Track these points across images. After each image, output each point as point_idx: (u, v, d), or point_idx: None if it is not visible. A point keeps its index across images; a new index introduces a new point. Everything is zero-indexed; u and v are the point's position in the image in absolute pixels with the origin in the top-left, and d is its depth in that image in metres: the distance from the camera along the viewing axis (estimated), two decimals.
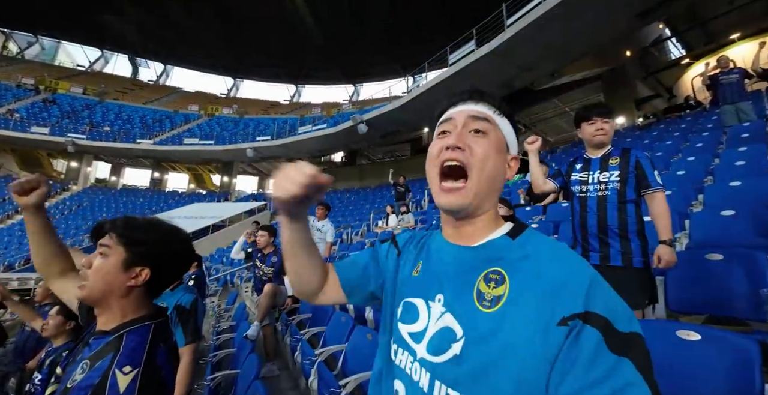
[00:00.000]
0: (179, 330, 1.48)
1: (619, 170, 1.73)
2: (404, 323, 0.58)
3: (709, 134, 5.03)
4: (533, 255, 0.50)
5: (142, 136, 20.06)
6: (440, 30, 19.89)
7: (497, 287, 0.49)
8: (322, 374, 2.05)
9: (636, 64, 13.87)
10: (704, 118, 6.63)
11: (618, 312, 0.42)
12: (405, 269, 0.65)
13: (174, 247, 0.84)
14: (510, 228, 0.57)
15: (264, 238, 3.34)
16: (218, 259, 9.67)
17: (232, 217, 14.34)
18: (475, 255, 0.55)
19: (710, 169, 3.63)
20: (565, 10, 7.23)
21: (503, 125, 0.59)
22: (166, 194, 20.94)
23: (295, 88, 34.56)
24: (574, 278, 0.44)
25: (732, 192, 2.72)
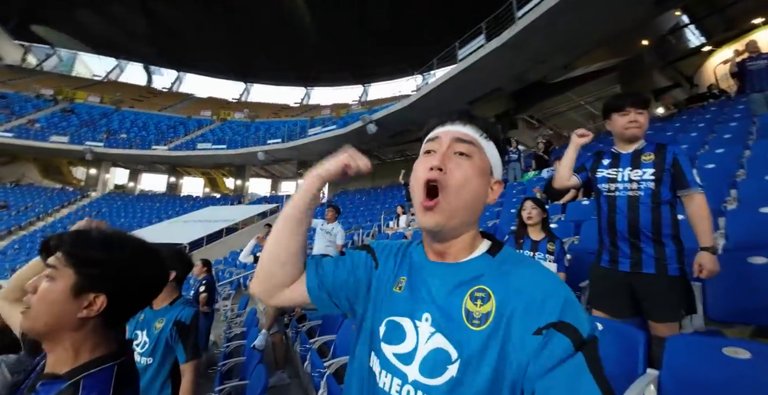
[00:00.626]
0: (179, 346, 1.41)
1: (654, 167, 1.56)
2: (389, 343, 0.56)
3: (737, 124, 4.73)
4: (513, 272, 0.52)
5: (157, 142, 20.51)
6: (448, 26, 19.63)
7: (484, 304, 0.50)
8: (331, 388, 1.96)
9: (653, 54, 13.32)
10: (730, 107, 6.27)
11: (582, 321, 0.47)
12: (383, 283, 0.63)
13: (141, 270, 0.69)
14: (489, 246, 0.59)
15: None
16: (231, 262, 9.75)
17: (245, 220, 14.48)
18: (458, 273, 0.56)
19: (741, 161, 3.39)
20: (577, 1, 6.96)
21: (489, 149, 0.60)
22: (182, 198, 21.34)
23: (305, 91, 34.80)
24: (551, 296, 0.48)
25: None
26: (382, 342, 0.56)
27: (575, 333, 0.45)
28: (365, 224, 9.00)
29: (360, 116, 13.97)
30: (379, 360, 0.56)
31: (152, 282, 0.72)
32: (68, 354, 0.61)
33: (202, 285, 3.61)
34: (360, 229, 8.36)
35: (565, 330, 0.45)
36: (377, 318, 0.59)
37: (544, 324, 0.46)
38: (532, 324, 0.46)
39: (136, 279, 0.67)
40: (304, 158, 20.74)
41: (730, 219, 2.27)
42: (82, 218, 0.85)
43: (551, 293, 0.48)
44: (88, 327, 0.63)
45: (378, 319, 0.59)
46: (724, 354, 1.16)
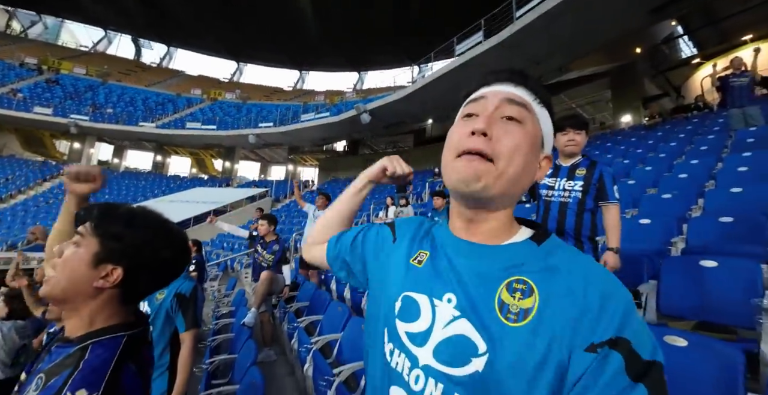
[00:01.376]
0: (179, 316, 1.52)
1: (584, 181, 1.88)
2: (403, 320, 0.50)
3: (714, 137, 5.00)
4: (563, 269, 0.44)
5: (144, 118, 19.96)
6: (448, 20, 19.50)
7: (524, 298, 0.43)
8: (317, 362, 2.11)
9: (646, 62, 13.62)
10: (711, 120, 6.57)
11: (644, 338, 0.39)
12: (400, 256, 0.57)
13: (161, 253, 0.68)
14: (533, 233, 0.51)
15: (264, 227, 3.38)
16: (219, 244, 9.77)
17: (233, 203, 14.40)
18: (494, 257, 0.48)
19: (713, 173, 3.62)
20: (576, 3, 7.07)
21: (542, 117, 0.51)
22: (168, 177, 20.97)
23: (299, 75, 34.15)
24: (612, 302, 0.40)
25: (732, 198, 2.72)
26: (397, 318, 0.51)
27: (635, 356, 0.38)
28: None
29: (354, 105, 13.89)
30: (391, 338, 0.51)
31: (170, 264, 0.71)
32: (83, 322, 0.64)
33: (192, 264, 3.69)
34: None
35: (624, 349, 0.38)
36: (393, 292, 0.53)
37: (599, 341, 0.38)
38: (585, 336, 0.39)
39: (154, 259, 0.68)
40: (296, 144, 20.59)
41: (692, 226, 2.48)
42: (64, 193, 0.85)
43: (611, 297, 0.40)
44: (103, 298, 0.65)
45: (393, 293, 0.53)
46: (665, 341, 1.34)
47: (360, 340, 2.16)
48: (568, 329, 0.39)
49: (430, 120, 16.61)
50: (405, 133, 19.23)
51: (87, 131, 19.20)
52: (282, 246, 3.38)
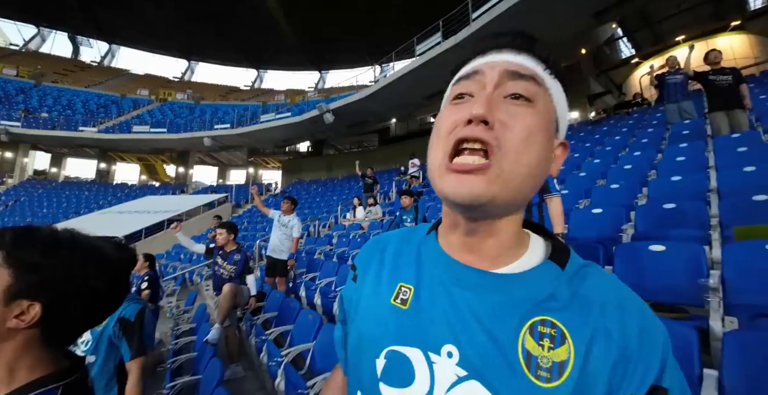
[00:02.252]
0: (124, 343, 1.36)
1: None
2: (390, 385, 0.37)
3: (653, 131, 5.44)
4: (596, 300, 0.35)
5: (85, 123, 18.33)
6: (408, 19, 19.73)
7: (555, 348, 0.33)
8: (289, 375, 2.00)
9: (590, 62, 14.67)
10: (650, 115, 7.16)
11: (679, 382, 0.33)
12: (373, 296, 0.43)
13: (91, 283, 0.56)
14: (550, 248, 0.40)
15: (223, 236, 3.17)
16: (175, 256, 9.16)
17: (189, 211, 13.56)
18: (507, 289, 0.36)
19: (654, 163, 3.92)
20: (528, 7, 7.44)
21: (556, 92, 0.39)
22: (114, 186, 19.37)
23: (257, 74, 33.02)
24: (649, 340, 0.33)
25: (673, 186, 2.96)
26: (380, 382, 0.38)
27: None
28: (321, 215, 8.94)
29: (317, 104, 13.62)
30: None
31: (104, 295, 0.60)
32: (2, 373, 0.52)
33: (144, 282, 3.39)
34: (316, 220, 8.29)
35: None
36: (375, 347, 0.40)
37: (640, 392, 0.32)
38: (622, 386, 0.32)
39: (83, 290, 0.56)
40: (256, 146, 19.83)
41: (639, 213, 2.65)
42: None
43: (649, 334, 0.33)
44: (20, 341, 0.53)
45: (372, 348, 0.40)
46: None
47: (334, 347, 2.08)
48: (606, 380, 0.32)
49: (394, 119, 16.70)
50: (369, 132, 19.22)
51: (19, 139, 17.32)
52: (244, 255, 3.20)
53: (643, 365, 0.32)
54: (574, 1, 7.33)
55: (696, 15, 13.52)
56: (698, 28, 12.92)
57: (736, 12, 13.29)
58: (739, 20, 12.04)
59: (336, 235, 6.13)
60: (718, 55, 4.03)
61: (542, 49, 0.39)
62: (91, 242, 0.60)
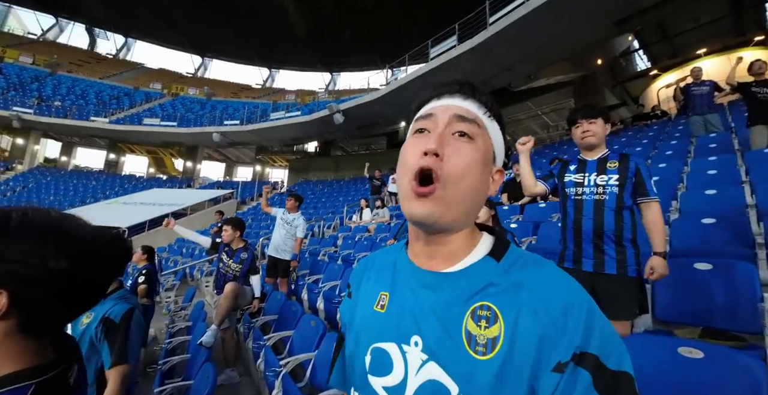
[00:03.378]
0: (105, 347, 1.19)
1: (618, 174, 1.66)
2: (375, 375, 0.46)
3: (677, 143, 5.22)
4: (526, 284, 0.41)
5: (96, 113, 18.44)
6: (423, 23, 19.70)
7: (490, 326, 0.40)
8: (287, 388, 1.83)
9: (606, 73, 14.45)
10: (671, 127, 6.93)
11: (610, 347, 0.37)
12: (363, 305, 0.52)
13: (54, 266, 0.50)
14: (491, 246, 0.47)
15: (228, 233, 3.03)
16: (177, 250, 9.06)
17: (194, 205, 13.50)
18: (454, 284, 0.45)
19: (681, 176, 3.72)
20: (547, 12, 7.26)
21: (492, 131, 0.49)
22: (122, 177, 19.43)
23: (269, 73, 33.19)
24: (573, 312, 0.38)
25: (708, 200, 2.75)
26: (369, 374, 0.46)
27: (603, 370, 0.36)
28: (327, 216, 8.79)
29: (327, 105, 13.55)
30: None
31: (75, 278, 0.53)
32: None
33: (142, 275, 3.26)
34: (321, 221, 8.14)
35: (590, 365, 0.36)
36: (362, 346, 0.49)
37: (565, 359, 0.36)
38: (551, 355, 0.37)
39: (44, 276, 0.50)
40: (264, 144, 19.82)
41: (675, 228, 2.46)
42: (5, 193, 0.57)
43: (572, 307, 0.38)
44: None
45: (363, 347, 0.48)
46: (680, 353, 1.22)
47: None
48: (534, 351, 0.37)
49: (403, 123, 16.57)
50: (378, 135, 19.13)
51: (31, 126, 17.46)
52: (251, 254, 3.04)
53: (568, 334, 0.37)
54: (597, 8, 7.15)
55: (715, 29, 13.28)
56: (719, 43, 12.67)
57: (756, 27, 13.04)
58: (763, 35, 11.78)
59: (341, 236, 5.96)
60: (763, 65, 3.78)
61: (483, 96, 0.49)
62: (47, 220, 0.54)
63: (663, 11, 7.60)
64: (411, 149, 0.46)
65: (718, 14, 12.97)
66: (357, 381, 0.48)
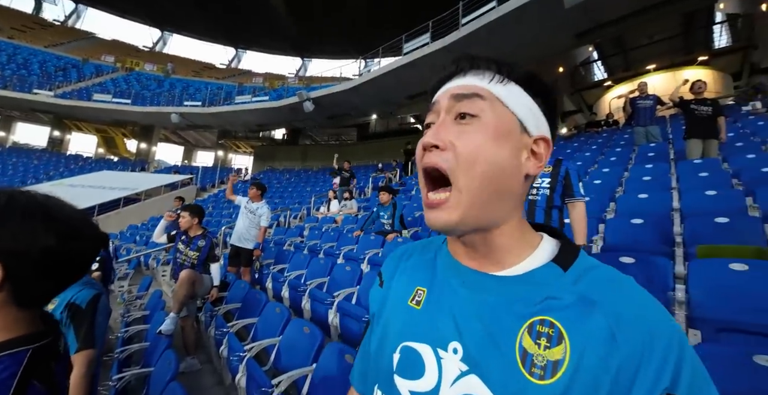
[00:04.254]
0: (70, 332, 1.18)
1: (550, 178, 1.93)
2: (403, 377, 0.41)
3: (621, 150, 5.75)
4: (601, 303, 0.35)
5: (40, 85, 16.64)
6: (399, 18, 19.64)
7: (551, 347, 0.34)
8: (251, 371, 1.89)
9: (566, 80, 15.34)
10: (618, 135, 7.57)
11: (701, 391, 0.32)
12: (395, 297, 0.48)
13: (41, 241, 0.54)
14: (556, 251, 0.41)
15: (186, 219, 2.96)
16: (130, 238, 8.57)
17: (149, 190, 12.72)
18: (507, 290, 0.39)
19: (621, 180, 4.13)
20: (515, 20, 7.62)
21: (510, 96, 0.41)
22: (68, 157, 17.75)
23: (235, 53, 31.57)
24: (660, 343, 0.32)
25: (640, 203, 3.11)
26: (395, 373, 0.42)
27: None
28: (293, 206, 8.69)
29: (297, 91, 13.21)
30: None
31: (60, 257, 0.57)
32: None
33: (95, 262, 3.11)
34: (288, 210, 8.05)
35: None
36: (391, 342, 0.44)
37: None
38: (635, 392, 0.31)
39: (33, 251, 0.54)
40: (228, 128, 18.97)
41: (609, 226, 2.77)
42: None
43: (658, 338, 0.32)
44: None
45: (392, 344, 0.44)
46: None
47: (302, 344, 1.99)
48: (608, 386, 0.32)
49: (375, 115, 16.56)
50: (349, 126, 18.99)
51: None
52: (209, 242, 3.00)
53: (654, 371, 0.31)
54: (561, 20, 7.57)
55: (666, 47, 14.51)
56: (668, 60, 13.87)
57: (703, 47, 14.39)
58: (706, 56, 13.05)
59: (308, 227, 5.97)
60: (702, 85, 4.25)
61: (487, 62, 0.42)
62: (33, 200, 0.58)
63: (621, 26, 8.20)
64: (419, 144, 0.42)
65: (671, 33, 14.17)
66: (382, 380, 0.44)
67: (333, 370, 1.65)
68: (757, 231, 2.16)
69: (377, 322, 0.49)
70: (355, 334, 2.33)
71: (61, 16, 27.62)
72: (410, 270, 0.49)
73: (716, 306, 1.57)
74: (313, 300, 2.87)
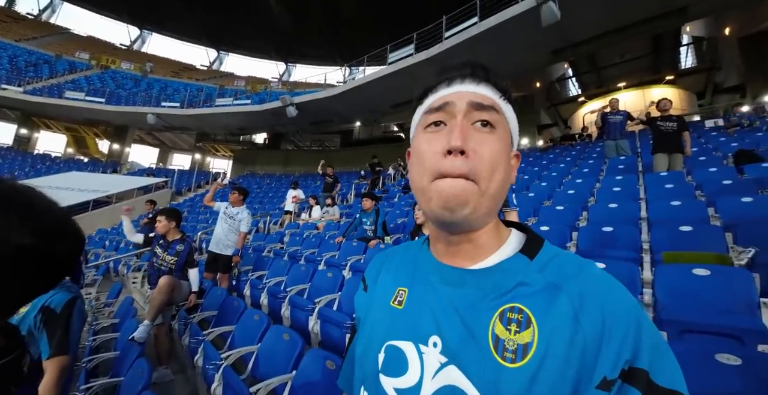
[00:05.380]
0: (43, 337, 1.13)
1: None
2: (388, 375, 0.42)
3: (593, 162, 6.03)
4: (565, 287, 0.37)
5: (9, 80, 15.87)
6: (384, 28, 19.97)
7: (521, 331, 0.36)
8: (228, 380, 1.84)
9: (543, 95, 16.02)
10: (590, 148, 7.95)
11: (661, 362, 0.34)
12: (378, 300, 0.49)
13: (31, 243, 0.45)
14: (523, 242, 0.44)
15: (162, 224, 2.87)
16: (99, 243, 8.17)
17: (120, 193, 12.19)
18: (480, 282, 0.41)
19: (593, 191, 4.33)
20: (495, 37, 7.94)
21: (509, 114, 0.45)
22: (35, 156, 16.81)
23: (217, 55, 31.04)
24: (619, 322, 0.34)
25: (610, 212, 3.28)
26: (380, 373, 0.43)
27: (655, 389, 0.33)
28: (273, 212, 8.56)
29: (280, 96, 13.13)
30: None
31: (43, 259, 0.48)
32: None
33: None
34: (267, 216, 7.91)
35: (640, 383, 0.33)
36: (375, 343, 0.45)
37: (612, 376, 0.33)
38: (595, 369, 0.33)
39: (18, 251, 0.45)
40: (207, 130, 18.56)
41: (581, 234, 2.90)
42: None
43: (617, 316, 0.35)
44: None
45: (375, 343, 0.45)
46: None
47: (281, 351, 1.96)
48: (575, 363, 0.34)
49: (359, 123, 16.65)
50: (332, 132, 18.98)
51: None
52: (188, 246, 2.92)
53: (616, 347, 0.33)
54: (538, 38, 7.93)
55: (636, 66, 15.44)
56: (638, 78, 14.75)
57: (670, 67, 15.41)
58: (673, 76, 13.95)
59: (288, 233, 5.89)
60: (668, 103, 4.54)
61: (497, 78, 0.45)
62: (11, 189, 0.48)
63: (595, 45, 8.67)
64: (428, 145, 0.42)
65: (641, 53, 15.11)
66: (367, 380, 0.45)
67: (314, 376, 1.63)
68: (718, 239, 2.31)
69: (363, 326, 0.50)
70: (337, 340, 2.31)
71: (35, 10, 26.46)
72: (392, 273, 0.51)
73: (681, 309, 1.67)
74: (293, 306, 2.82)
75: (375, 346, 0.45)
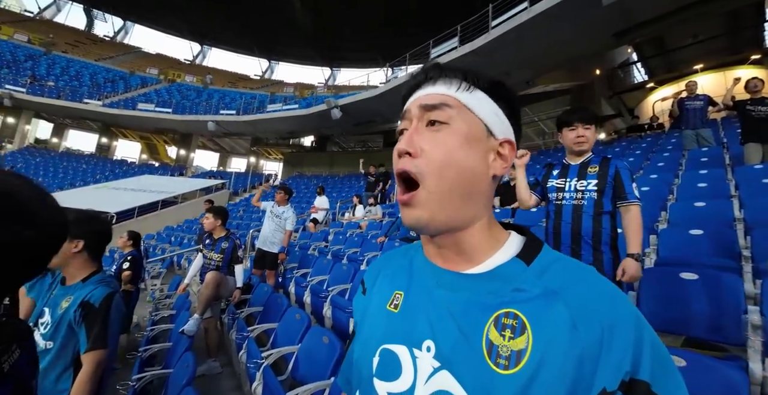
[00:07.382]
0: (82, 331, 1.15)
1: (597, 179, 1.67)
2: (382, 379, 0.42)
3: (669, 155, 5.29)
4: (563, 293, 0.36)
5: (90, 95, 18.05)
6: (425, 24, 19.68)
7: (516, 337, 0.35)
8: (267, 380, 1.81)
9: (603, 83, 14.58)
10: (664, 140, 7.02)
11: (664, 374, 0.33)
12: (375, 303, 0.49)
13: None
14: (521, 247, 0.42)
15: (209, 221, 2.98)
16: (166, 238, 8.94)
17: (185, 194, 13.31)
18: (476, 286, 0.40)
19: (672, 188, 3.76)
20: (547, 21, 7.31)
21: (476, 103, 0.43)
22: (114, 162, 19.07)
23: (268, 64, 32.84)
24: (618, 332, 0.33)
25: (696, 212, 2.79)
26: (374, 377, 0.43)
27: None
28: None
29: (325, 99, 13.46)
30: None
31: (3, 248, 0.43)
32: None
33: (127, 261, 3.19)
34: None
35: (636, 391, 0.32)
36: (371, 347, 0.45)
37: (612, 388, 0.32)
38: (594, 380, 0.32)
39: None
40: (260, 135, 19.64)
41: (663, 238, 2.48)
42: None
43: (616, 325, 0.33)
44: None
45: (370, 347, 0.45)
46: None
47: (321, 354, 1.89)
48: (571, 373, 0.32)
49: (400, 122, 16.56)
50: (375, 133, 19.09)
51: (23, 105, 17.03)
52: (232, 244, 3.00)
53: (616, 357, 0.32)
54: (597, 19, 7.21)
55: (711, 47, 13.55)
56: (715, 59, 12.91)
57: (753, 46, 13.28)
58: (759, 54, 12.01)
59: (333, 232, 5.93)
60: (759, 83, 3.77)
61: (453, 71, 0.44)
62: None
63: (661, 26, 7.70)
64: (395, 151, 0.44)
65: (715, 32, 13.21)
66: (362, 384, 0.44)
67: None
68: None
69: (360, 329, 0.50)
70: None
71: (111, 32, 29.96)
72: (390, 276, 0.50)
73: None
74: (334, 307, 2.77)
75: (370, 349, 0.45)
